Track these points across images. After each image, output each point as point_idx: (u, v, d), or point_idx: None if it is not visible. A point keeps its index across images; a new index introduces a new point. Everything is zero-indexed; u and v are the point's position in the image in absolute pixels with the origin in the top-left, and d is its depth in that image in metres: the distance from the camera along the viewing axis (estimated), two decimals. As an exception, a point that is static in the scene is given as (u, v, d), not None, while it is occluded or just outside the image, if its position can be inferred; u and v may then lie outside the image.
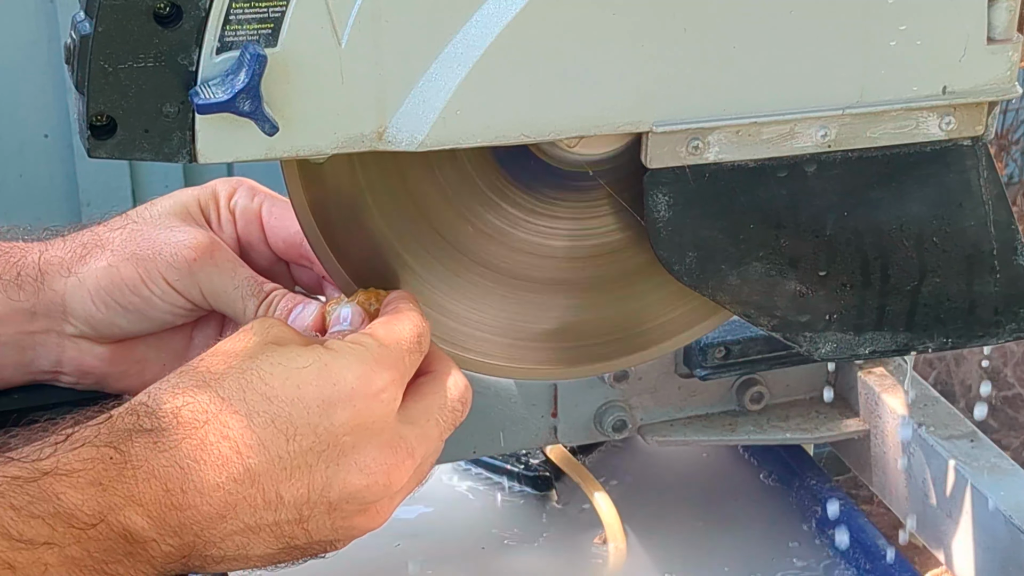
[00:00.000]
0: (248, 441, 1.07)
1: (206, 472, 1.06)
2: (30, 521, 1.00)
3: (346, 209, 1.23)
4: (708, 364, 1.52)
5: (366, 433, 1.11)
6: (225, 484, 1.07)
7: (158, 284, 1.27)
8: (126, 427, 1.07)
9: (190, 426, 1.07)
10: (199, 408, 1.08)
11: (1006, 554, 1.38)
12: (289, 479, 1.09)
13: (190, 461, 1.06)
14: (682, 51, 1.13)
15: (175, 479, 1.05)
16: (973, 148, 1.22)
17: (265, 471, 1.08)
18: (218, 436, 1.07)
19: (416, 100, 1.11)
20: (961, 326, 1.28)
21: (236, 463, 1.07)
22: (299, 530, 1.11)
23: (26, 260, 1.30)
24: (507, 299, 1.30)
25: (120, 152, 1.08)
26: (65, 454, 1.04)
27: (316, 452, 1.09)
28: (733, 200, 1.20)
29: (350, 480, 1.11)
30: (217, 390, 1.09)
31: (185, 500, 1.06)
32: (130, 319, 1.29)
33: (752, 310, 1.25)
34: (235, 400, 1.08)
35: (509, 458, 1.67)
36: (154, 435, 1.06)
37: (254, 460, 1.07)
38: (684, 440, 1.59)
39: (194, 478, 1.06)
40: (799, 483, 1.63)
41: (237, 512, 1.07)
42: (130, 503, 1.04)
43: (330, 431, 1.10)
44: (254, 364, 1.10)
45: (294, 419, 1.09)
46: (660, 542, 1.59)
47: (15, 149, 3.24)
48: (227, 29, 1.06)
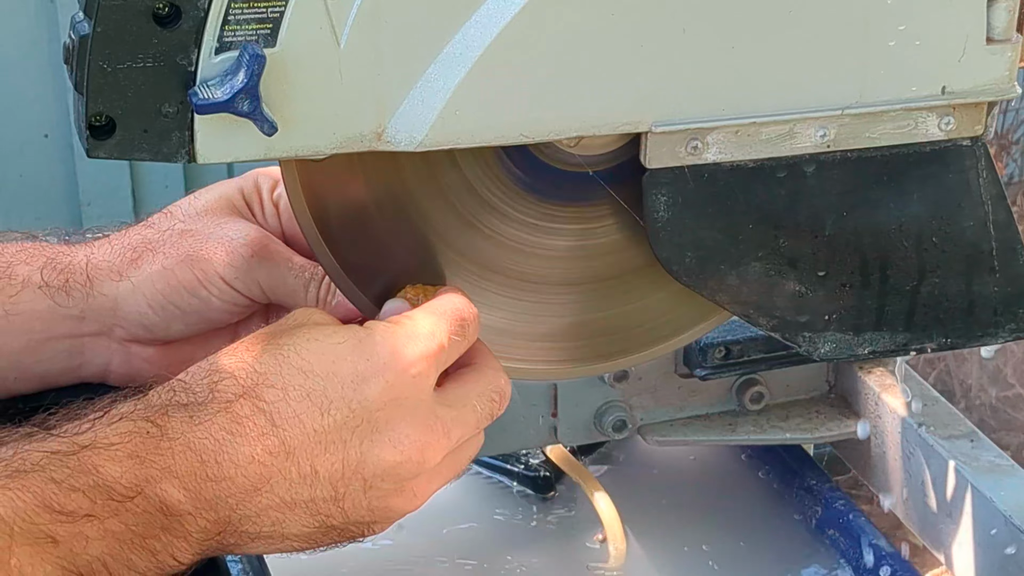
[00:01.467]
0: (284, 414, 1.08)
1: (241, 444, 1.07)
2: (71, 494, 1.01)
3: (346, 209, 1.23)
4: (708, 364, 1.52)
5: (399, 409, 1.12)
6: (260, 456, 1.07)
7: (216, 284, 1.28)
8: (162, 402, 1.08)
9: (225, 400, 1.08)
10: (235, 382, 1.09)
11: (1006, 554, 1.38)
12: (324, 453, 1.09)
13: (225, 433, 1.07)
14: (681, 51, 1.13)
15: (210, 451, 1.06)
16: (972, 148, 1.22)
17: (300, 444, 1.09)
18: (253, 409, 1.08)
19: (415, 100, 1.11)
20: (960, 326, 1.28)
21: (271, 436, 1.08)
22: (335, 508, 1.11)
23: (73, 265, 1.30)
24: (506, 299, 1.30)
25: (119, 152, 1.08)
26: (103, 428, 1.06)
27: (351, 427, 1.10)
28: (732, 200, 1.20)
29: (384, 456, 1.11)
30: (254, 365, 1.10)
31: (220, 472, 1.07)
32: (188, 321, 1.30)
33: (751, 310, 1.25)
34: (271, 374, 1.09)
35: (509, 458, 1.67)
36: (190, 409, 1.07)
37: (289, 433, 1.08)
38: (684, 440, 1.59)
39: (229, 450, 1.07)
40: (799, 483, 1.63)
41: (272, 485, 1.08)
42: (167, 475, 1.05)
43: (364, 405, 1.10)
44: (291, 340, 1.12)
45: (329, 393, 1.10)
46: (660, 542, 1.59)
47: (15, 149, 3.24)
48: (226, 29, 1.06)
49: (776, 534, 1.60)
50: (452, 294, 1.21)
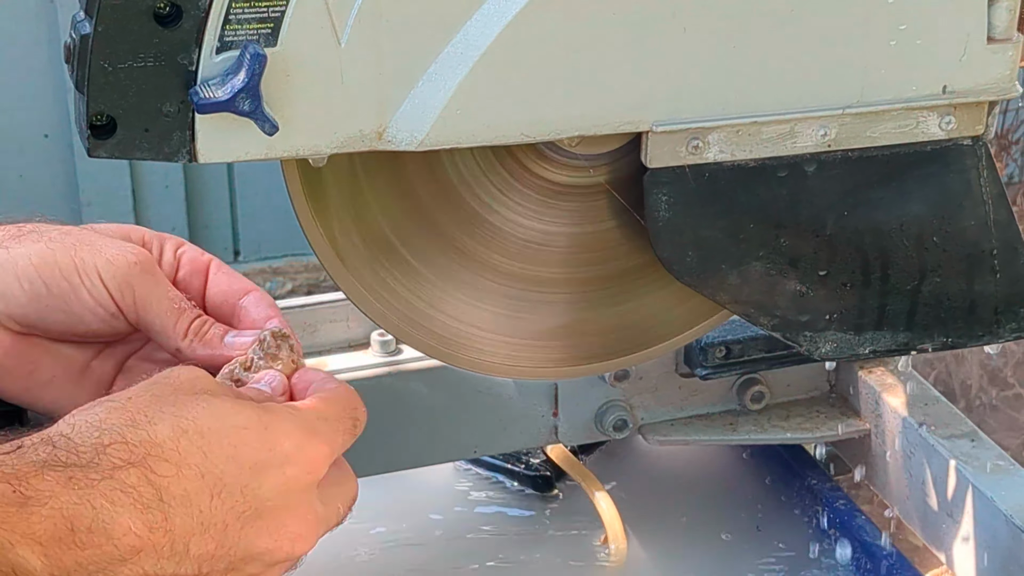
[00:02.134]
0: (173, 491, 1.04)
1: (120, 515, 1.02)
2: None
3: (346, 209, 1.23)
4: (709, 364, 1.52)
5: (287, 500, 1.10)
6: (138, 529, 1.03)
7: (90, 276, 1.22)
8: (39, 459, 1.02)
9: (112, 466, 1.03)
10: (126, 449, 1.04)
11: (1006, 554, 1.38)
12: (203, 534, 1.06)
13: (105, 502, 1.02)
14: (682, 51, 1.13)
15: (84, 517, 1.01)
16: (973, 148, 1.22)
17: (182, 524, 1.05)
18: (142, 480, 1.04)
19: (416, 100, 1.11)
20: (961, 326, 1.28)
21: (156, 511, 1.03)
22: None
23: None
24: (507, 299, 1.30)
25: (120, 152, 1.08)
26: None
27: (236, 512, 1.07)
28: (733, 200, 1.20)
29: (258, 542, 1.09)
30: (149, 432, 1.05)
31: (90, 539, 1.01)
32: (50, 306, 1.23)
33: (752, 310, 1.25)
34: (167, 447, 1.05)
35: (509, 458, 1.67)
36: (70, 471, 1.02)
37: (175, 511, 1.04)
38: (684, 440, 1.59)
39: (105, 518, 1.02)
40: (799, 483, 1.63)
41: (140, 558, 1.04)
42: (26, 540, 0.99)
43: (256, 495, 1.08)
44: (190, 412, 1.08)
45: (225, 478, 1.06)
46: (660, 542, 1.59)
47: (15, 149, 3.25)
48: (227, 29, 1.06)
49: (776, 533, 1.60)
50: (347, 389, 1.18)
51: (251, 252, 3.58)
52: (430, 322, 1.29)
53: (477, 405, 1.53)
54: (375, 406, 1.52)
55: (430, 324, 1.29)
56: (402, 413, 1.53)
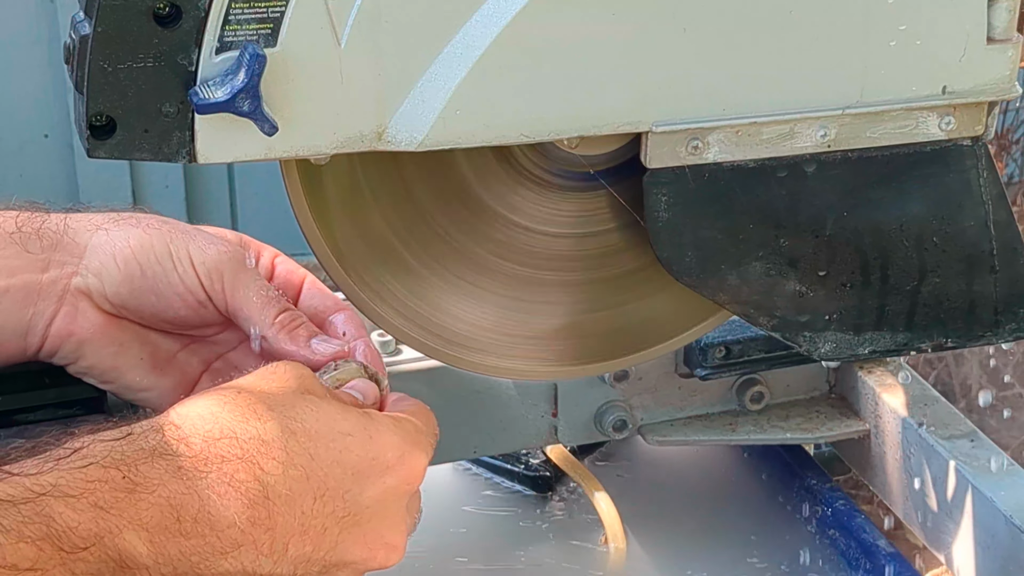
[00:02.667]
0: (279, 489, 1.06)
1: (227, 507, 1.04)
2: (18, 545, 0.97)
3: (346, 209, 1.23)
4: (708, 364, 1.52)
5: (385, 511, 1.12)
6: (242, 524, 1.05)
7: (183, 262, 1.26)
8: (148, 446, 1.04)
9: (222, 459, 1.05)
10: (236, 444, 1.06)
11: (1006, 554, 1.38)
12: (302, 535, 1.08)
13: (212, 493, 1.04)
14: (682, 51, 1.13)
15: (190, 507, 1.03)
16: (973, 148, 1.22)
17: (284, 522, 1.07)
18: (250, 476, 1.06)
19: (416, 100, 1.11)
20: (961, 326, 1.28)
21: (260, 507, 1.06)
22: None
23: (51, 217, 1.29)
24: (507, 299, 1.31)
25: (119, 152, 1.08)
26: (68, 472, 1.01)
27: (336, 517, 1.09)
28: (733, 200, 1.20)
29: (353, 550, 1.11)
30: (259, 429, 1.07)
31: (195, 529, 1.04)
32: (143, 287, 1.26)
33: (752, 310, 1.25)
34: (275, 446, 1.07)
35: (509, 458, 1.67)
36: (179, 460, 1.04)
37: (278, 509, 1.06)
38: (684, 440, 1.59)
39: (211, 510, 1.04)
40: (799, 483, 1.63)
41: (241, 552, 1.06)
42: (133, 526, 1.01)
43: (357, 501, 1.10)
44: (298, 413, 1.10)
45: (329, 482, 1.09)
46: (660, 542, 1.59)
47: (15, 149, 3.25)
48: (226, 29, 1.06)
49: (776, 534, 1.60)
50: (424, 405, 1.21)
51: (251, 252, 3.58)
52: (429, 323, 1.29)
53: (477, 405, 1.53)
54: (375, 406, 1.52)
55: (429, 324, 1.29)
56: (402, 413, 1.53)
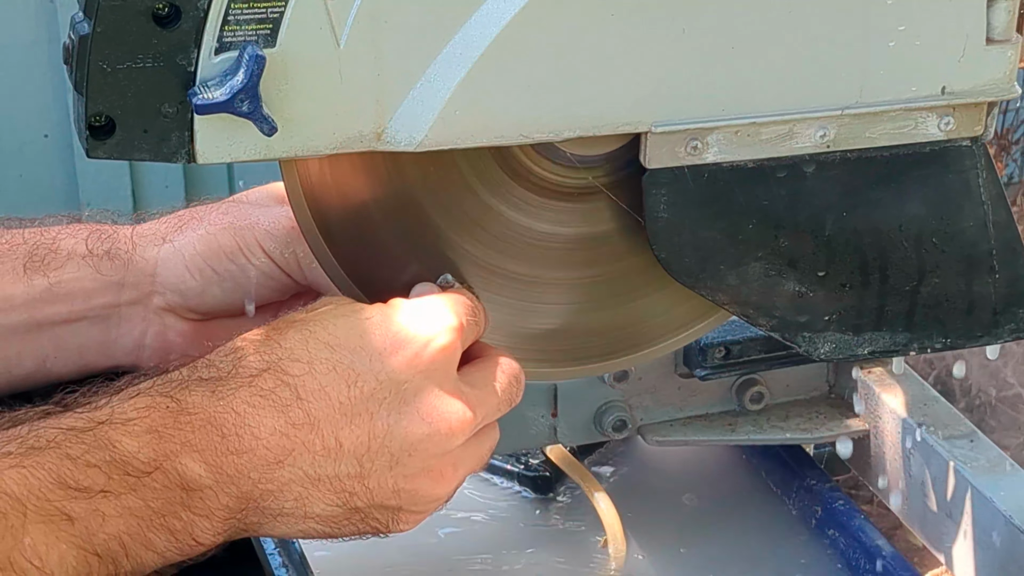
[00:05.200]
0: (309, 386, 1.08)
1: (264, 416, 1.07)
2: (86, 470, 1.01)
3: (345, 209, 1.23)
4: (708, 364, 1.52)
5: (426, 381, 1.12)
6: (283, 428, 1.07)
7: (255, 253, 1.28)
8: (182, 378, 1.08)
9: (248, 374, 1.08)
10: (259, 358, 1.09)
11: (1006, 554, 1.38)
12: (350, 425, 1.09)
13: (247, 406, 1.07)
14: (681, 51, 1.13)
15: (231, 424, 1.06)
16: (972, 148, 1.22)
17: (325, 416, 1.09)
18: (277, 382, 1.08)
19: (415, 100, 1.11)
20: (960, 326, 1.28)
21: (296, 407, 1.08)
22: (360, 486, 1.11)
23: (118, 234, 1.31)
24: (506, 299, 1.30)
25: (119, 152, 1.08)
26: (120, 404, 1.05)
27: (378, 399, 1.10)
28: (732, 200, 1.20)
29: (412, 428, 1.11)
30: (280, 341, 1.10)
31: (241, 444, 1.06)
32: (224, 288, 1.30)
33: (751, 310, 1.25)
34: (297, 349, 1.10)
35: (509, 458, 1.67)
36: (211, 384, 1.07)
37: (314, 405, 1.08)
38: (684, 440, 1.59)
39: (251, 422, 1.07)
40: (799, 483, 1.63)
41: (295, 458, 1.08)
42: (186, 449, 1.04)
43: (391, 377, 1.11)
44: (319, 317, 1.12)
45: (356, 366, 1.10)
46: (659, 542, 1.59)
47: (15, 149, 3.24)
48: (226, 29, 1.06)
49: (776, 534, 1.60)
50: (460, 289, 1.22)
51: (251, 252, 3.58)
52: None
53: (476, 405, 1.53)
54: (374, 407, 1.52)
55: None
56: (401, 413, 1.53)
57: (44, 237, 1.31)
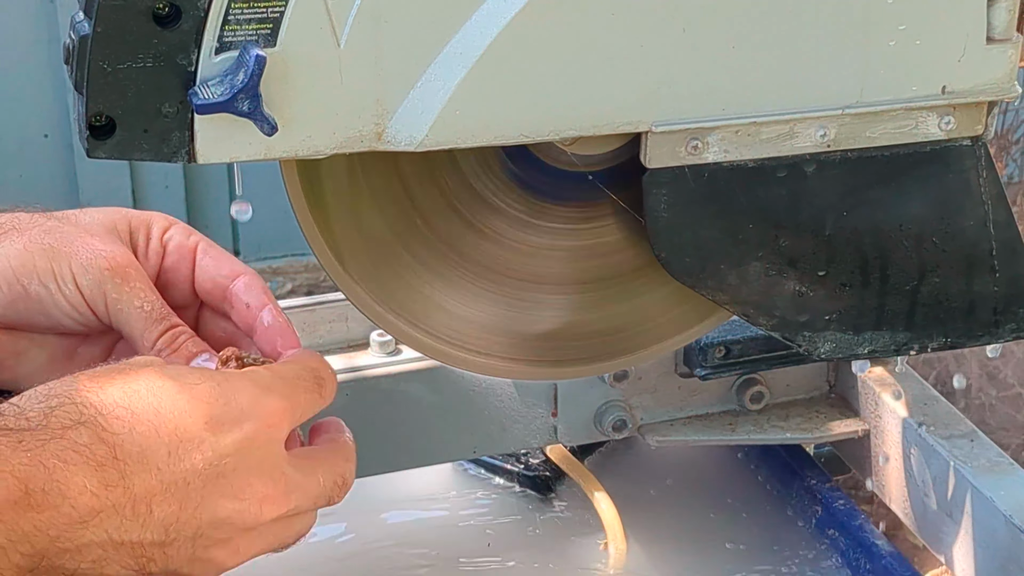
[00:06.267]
0: (127, 447, 1.03)
1: (74, 473, 1.01)
2: None
3: (345, 209, 1.23)
4: (708, 364, 1.52)
5: (249, 458, 1.08)
6: (94, 487, 1.01)
7: (67, 283, 1.22)
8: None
9: (61, 426, 1.02)
10: (75, 409, 1.03)
11: (1006, 554, 1.38)
12: (163, 493, 1.04)
13: (56, 460, 1.00)
14: (681, 51, 1.13)
15: (37, 478, 0.99)
16: (973, 148, 1.22)
17: (141, 481, 1.03)
18: (93, 439, 1.02)
19: (415, 100, 1.11)
20: (960, 326, 1.28)
21: (111, 468, 1.02)
22: (159, 554, 1.06)
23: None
24: (507, 299, 1.31)
25: (119, 152, 1.08)
26: None
27: (196, 470, 1.05)
28: (732, 200, 1.20)
29: (223, 503, 1.07)
30: (98, 394, 1.04)
31: (46, 500, 1.00)
32: (29, 307, 1.23)
33: (751, 310, 1.25)
34: (119, 407, 1.04)
35: (509, 458, 1.67)
36: (17, 435, 1.01)
37: (131, 467, 1.03)
38: (684, 440, 1.59)
39: (58, 477, 1.00)
40: (799, 483, 1.63)
41: (102, 520, 1.02)
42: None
43: (215, 450, 1.06)
44: (143, 376, 1.07)
45: (180, 433, 1.05)
46: (659, 542, 1.59)
47: (15, 149, 3.25)
48: (226, 29, 1.06)
49: (776, 534, 1.60)
50: (309, 353, 1.18)
51: (251, 252, 3.58)
52: (429, 322, 1.29)
53: (476, 405, 1.53)
54: (374, 406, 1.52)
55: (429, 324, 1.29)
56: (401, 413, 1.53)
57: None
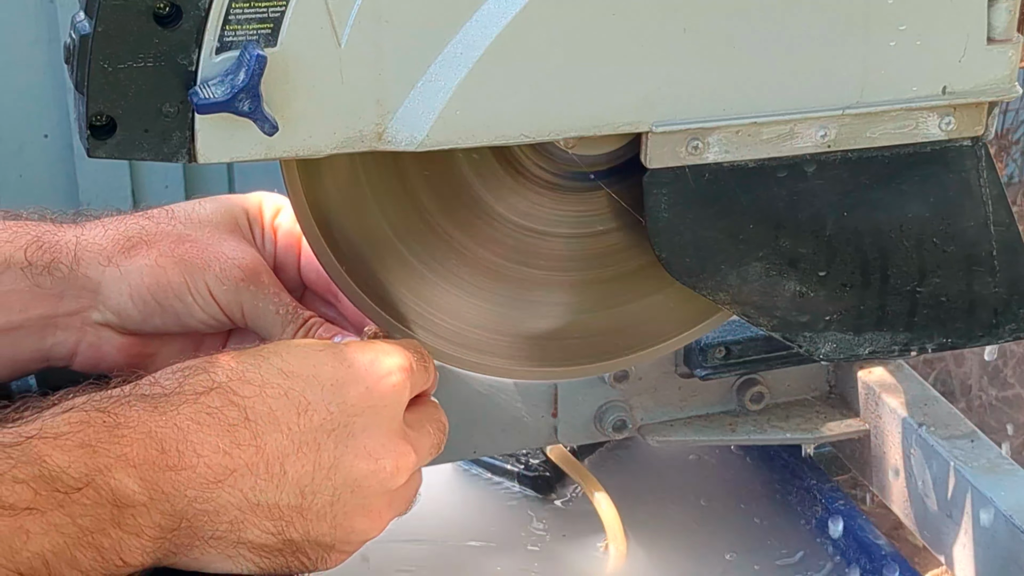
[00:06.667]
0: (258, 409, 1.07)
1: (207, 434, 1.05)
2: (13, 486, 0.98)
3: (346, 208, 1.23)
4: (708, 364, 1.52)
5: (376, 417, 1.12)
6: (227, 447, 1.06)
7: (202, 295, 1.27)
8: (122, 393, 1.06)
9: (194, 392, 1.07)
10: (207, 377, 1.08)
11: (1006, 554, 1.38)
12: (296, 453, 1.08)
13: (190, 423, 1.05)
14: (682, 51, 1.13)
15: (172, 439, 1.04)
16: (973, 148, 1.22)
17: (272, 441, 1.07)
18: (225, 402, 1.07)
19: (416, 100, 1.11)
20: (961, 326, 1.28)
21: (242, 428, 1.07)
22: (298, 517, 1.09)
23: (60, 244, 1.29)
24: (507, 299, 1.30)
25: (120, 152, 1.08)
26: (52, 418, 1.03)
27: (326, 430, 1.10)
28: (733, 200, 1.20)
29: (357, 464, 1.11)
30: (230, 363, 1.09)
31: (181, 461, 1.04)
32: (165, 320, 1.29)
33: (752, 310, 1.25)
34: (249, 372, 1.09)
35: (509, 458, 1.67)
36: (153, 400, 1.06)
37: (262, 428, 1.07)
38: (684, 440, 1.59)
39: (193, 438, 1.05)
40: (799, 483, 1.63)
41: (236, 480, 1.06)
42: (121, 464, 1.02)
43: (342, 410, 1.10)
44: (273, 345, 1.13)
45: (308, 395, 1.09)
46: (660, 542, 1.59)
47: (15, 149, 3.24)
48: (227, 29, 1.06)
49: (776, 534, 1.60)
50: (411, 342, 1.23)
51: (251, 252, 3.58)
52: (429, 322, 1.29)
53: (477, 405, 1.53)
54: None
55: (429, 324, 1.29)
56: (402, 413, 1.53)
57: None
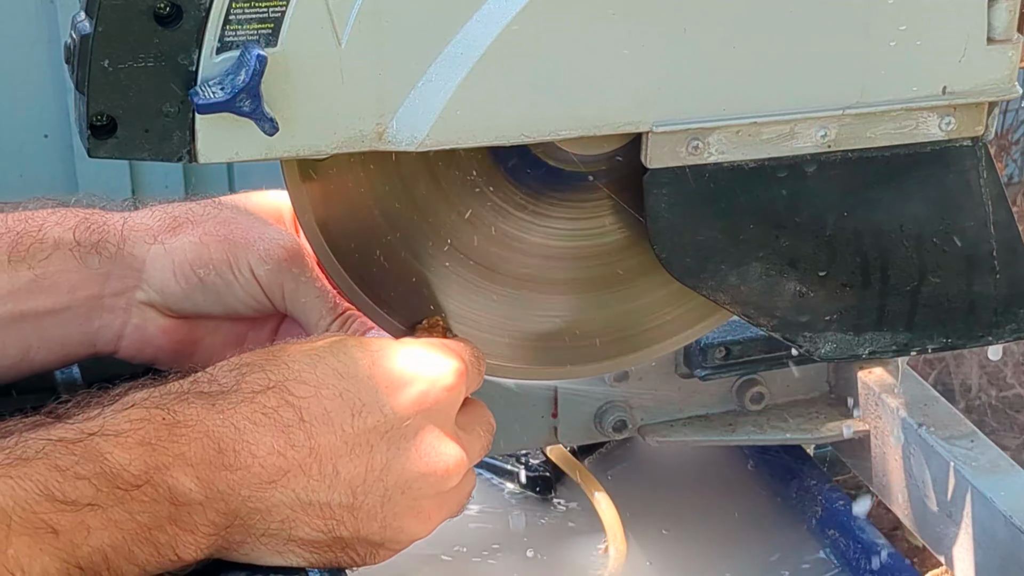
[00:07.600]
0: (313, 410, 1.08)
1: (264, 434, 1.07)
2: (75, 482, 1.00)
3: (346, 207, 1.23)
4: (708, 364, 1.52)
5: (428, 420, 1.13)
6: (282, 448, 1.07)
7: (244, 273, 1.28)
8: (181, 390, 1.08)
9: (251, 391, 1.08)
10: (264, 376, 1.09)
11: (1006, 554, 1.38)
12: (349, 454, 1.09)
13: (248, 423, 1.07)
14: (682, 51, 1.13)
15: (229, 439, 1.06)
16: (973, 148, 1.22)
17: (326, 442, 1.09)
18: (281, 402, 1.08)
19: (416, 100, 1.11)
20: (961, 326, 1.28)
21: (297, 430, 1.08)
22: (348, 517, 1.10)
23: (108, 225, 1.31)
24: (507, 299, 1.30)
25: (120, 152, 1.08)
26: (113, 415, 1.05)
27: (380, 432, 1.10)
28: (733, 200, 1.20)
29: (409, 466, 1.12)
30: (287, 361, 1.10)
31: (237, 461, 1.06)
32: (206, 298, 1.30)
33: (752, 310, 1.25)
34: (305, 372, 1.10)
35: (509, 458, 1.67)
36: (212, 398, 1.07)
37: (317, 429, 1.08)
38: (684, 440, 1.59)
39: (249, 439, 1.06)
40: (799, 483, 1.63)
41: (290, 480, 1.07)
42: (179, 463, 1.04)
43: (396, 413, 1.11)
44: (329, 345, 1.13)
45: (363, 396, 1.10)
46: (659, 542, 1.59)
47: (15, 149, 3.24)
48: (227, 29, 1.06)
49: (776, 534, 1.60)
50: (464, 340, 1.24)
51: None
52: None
53: (477, 405, 1.53)
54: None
55: None
56: (402, 413, 1.53)
57: (30, 225, 1.30)
